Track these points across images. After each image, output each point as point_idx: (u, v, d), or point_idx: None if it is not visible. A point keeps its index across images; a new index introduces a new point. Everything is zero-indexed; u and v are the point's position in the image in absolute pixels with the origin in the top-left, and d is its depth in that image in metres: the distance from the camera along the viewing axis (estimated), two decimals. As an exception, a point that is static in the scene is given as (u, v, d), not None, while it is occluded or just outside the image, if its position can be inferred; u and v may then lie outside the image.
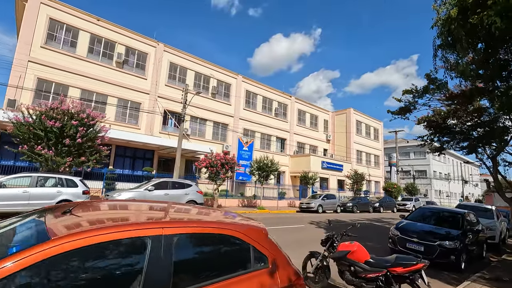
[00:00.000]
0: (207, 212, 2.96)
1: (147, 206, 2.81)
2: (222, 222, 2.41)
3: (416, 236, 6.91)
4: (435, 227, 7.32)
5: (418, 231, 7.14)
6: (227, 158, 16.35)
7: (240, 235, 2.22)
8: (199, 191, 13.01)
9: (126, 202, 3.41)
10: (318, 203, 19.44)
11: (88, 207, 2.53)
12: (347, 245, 4.42)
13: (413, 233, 7.06)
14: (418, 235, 6.95)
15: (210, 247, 2.14)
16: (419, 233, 7.02)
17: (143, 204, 2.96)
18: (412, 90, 9.91)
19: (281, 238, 8.98)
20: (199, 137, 24.19)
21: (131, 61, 21.07)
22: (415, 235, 6.96)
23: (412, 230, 7.23)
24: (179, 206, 3.19)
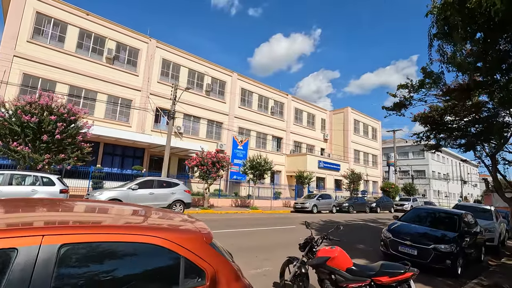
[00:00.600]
0: (140, 214, 2.44)
1: (50, 206, 2.25)
2: (141, 227, 1.89)
3: (409, 238, 6.43)
4: (430, 229, 6.84)
5: (411, 233, 6.66)
6: (219, 156, 15.86)
7: (166, 243, 1.72)
8: (187, 190, 12.52)
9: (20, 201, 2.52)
10: (312, 203, 18.95)
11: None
12: (328, 250, 3.93)
13: (406, 236, 6.57)
14: (411, 237, 6.46)
15: (119, 261, 1.63)
16: (412, 236, 6.54)
17: (46, 203, 2.42)
18: (408, 84, 9.43)
19: (267, 240, 8.52)
20: (192, 135, 23.69)
21: (122, 57, 20.56)
22: (408, 237, 6.48)
23: (405, 232, 6.74)
24: (102, 205, 2.62)
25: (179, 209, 12.02)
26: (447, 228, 6.87)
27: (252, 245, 7.43)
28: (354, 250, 7.73)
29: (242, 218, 13.82)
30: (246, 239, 8.12)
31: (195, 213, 14.32)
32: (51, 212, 2.06)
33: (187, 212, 14.06)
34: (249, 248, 7.10)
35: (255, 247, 7.28)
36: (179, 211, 12.06)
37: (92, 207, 2.35)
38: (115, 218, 2.14)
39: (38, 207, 2.19)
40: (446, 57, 7.17)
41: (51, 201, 2.53)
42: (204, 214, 14.50)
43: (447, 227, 6.97)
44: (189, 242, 1.84)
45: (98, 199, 10.02)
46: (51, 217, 1.98)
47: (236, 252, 6.90)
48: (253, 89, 28.90)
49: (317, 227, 11.61)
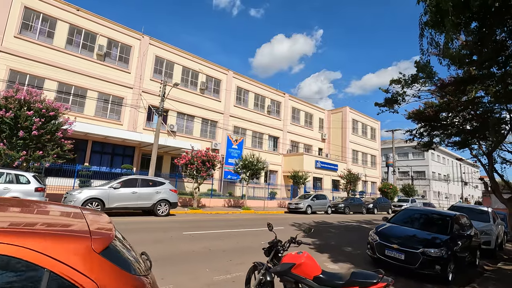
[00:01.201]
0: (7, 210, 1.94)
1: None
2: None
3: (396, 241, 5.97)
4: (419, 231, 6.38)
5: (399, 236, 6.21)
6: (209, 155, 15.42)
7: (24, 253, 1.29)
8: (173, 189, 12.08)
9: None
10: (306, 204, 18.49)
11: None
12: (294, 256, 3.49)
13: (393, 238, 6.12)
14: (399, 240, 6.01)
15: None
16: (400, 238, 6.08)
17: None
18: (400, 79, 8.98)
19: (248, 242, 8.04)
20: (186, 134, 23.27)
21: (113, 54, 20.17)
22: (396, 240, 6.02)
23: (393, 235, 6.29)
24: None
25: (164, 209, 11.59)
26: (438, 231, 6.42)
27: (230, 248, 7.00)
28: (340, 253, 7.29)
29: (231, 218, 13.38)
30: (226, 241, 7.68)
31: (183, 213, 13.91)
32: None
33: (176, 212, 13.63)
34: (226, 251, 6.67)
35: (232, 250, 6.85)
36: (164, 212, 11.64)
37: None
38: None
39: None
40: (439, 49, 6.73)
41: None
42: (193, 214, 14.07)
43: (438, 229, 6.51)
44: (62, 250, 1.40)
45: (77, 198, 9.62)
46: None
47: (210, 255, 6.49)
48: (249, 87, 28.47)
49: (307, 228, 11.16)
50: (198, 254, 6.20)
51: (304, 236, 4.63)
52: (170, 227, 9.35)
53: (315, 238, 8.85)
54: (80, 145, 17.09)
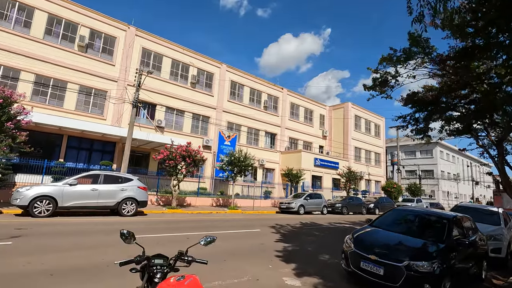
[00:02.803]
0: None
1: None
2: None
3: (375, 251, 4.64)
4: (407, 238, 5.02)
5: (380, 244, 4.87)
6: (190, 150, 14.24)
7: None
8: (142, 186, 10.93)
9: None
10: (299, 203, 17.12)
11: None
12: (174, 284, 2.21)
13: (372, 247, 4.78)
14: (379, 249, 4.67)
15: None
16: (381, 247, 4.74)
17: None
18: (392, 56, 7.59)
19: (208, 249, 6.70)
20: (175, 130, 22.17)
21: (96, 45, 19.20)
22: (375, 249, 4.69)
23: (372, 242, 4.95)
24: None
25: (131, 208, 10.45)
26: (432, 237, 5.06)
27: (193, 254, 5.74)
28: (312, 262, 5.97)
29: (211, 219, 12.18)
30: (170, 248, 6.43)
31: (159, 213, 12.77)
32: None
33: (151, 212, 12.50)
34: None
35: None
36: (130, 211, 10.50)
37: None
38: None
39: None
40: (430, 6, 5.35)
41: None
42: (170, 214, 12.91)
43: (432, 235, 5.15)
44: None
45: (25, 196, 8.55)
46: None
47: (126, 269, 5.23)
48: (244, 81, 27.21)
49: (288, 231, 9.84)
50: (114, 267, 4.93)
51: (205, 245, 3.17)
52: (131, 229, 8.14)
53: (289, 244, 7.54)
54: (54, 139, 16.17)
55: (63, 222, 8.58)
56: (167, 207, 14.15)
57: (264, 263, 5.58)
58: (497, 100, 5.18)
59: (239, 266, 5.28)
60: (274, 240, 7.88)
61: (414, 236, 5.10)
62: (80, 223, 8.69)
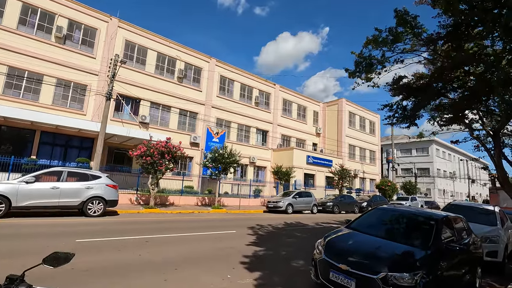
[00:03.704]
0: None
1: None
2: None
3: (347, 259, 3.85)
4: (387, 243, 4.24)
5: (354, 250, 4.09)
6: (170, 146, 13.41)
7: None
8: (112, 184, 10.09)
9: None
10: (287, 202, 16.33)
11: None
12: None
13: (345, 254, 4.00)
14: (352, 257, 3.89)
15: None
16: (355, 254, 3.96)
17: None
18: (377, 37, 6.79)
19: (175, 252, 5.90)
20: (161, 126, 21.31)
21: (75, 37, 18.28)
22: (348, 257, 3.90)
23: (345, 248, 4.17)
24: None
25: (97, 208, 9.61)
26: (416, 241, 4.29)
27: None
28: (281, 271, 5.18)
29: (189, 219, 11.38)
30: (131, 252, 5.64)
31: (134, 213, 11.94)
32: None
33: (125, 212, 11.68)
34: (88, 271, 4.56)
35: (137, 266, 4.79)
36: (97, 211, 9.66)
37: None
38: None
39: None
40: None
41: None
42: (146, 214, 12.09)
43: (416, 239, 4.38)
44: None
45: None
46: None
47: (96, 273, 4.46)
48: (234, 77, 26.36)
49: (267, 232, 9.04)
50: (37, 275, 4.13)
51: (52, 266, 1.95)
52: (84, 231, 7.34)
53: (262, 247, 6.75)
54: (26, 135, 15.28)
55: (16, 223, 7.74)
56: (145, 206, 13.32)
57: (223, 272, 4.79)
58: (493, 80, 4.44)
59: (190, 276, 4.48)
60: (247, 243, 7.09)
61: (397, 240, 4.32)
62: (35, 224, 7.85)
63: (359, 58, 6.91)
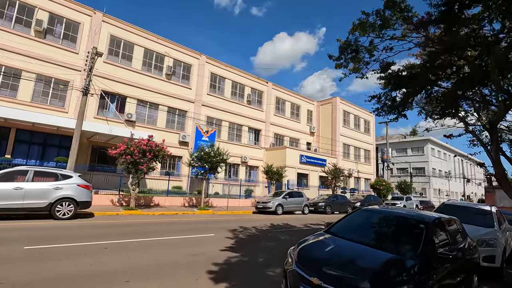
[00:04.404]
0: None
1: None
2: None
3: (321, 271, 3.24)
4: (370, 251, 3.62)
5: (330, 260, 3.47)
6: (152, 144, 12.74)
7: None
8: (84, 184, 9.40)
9: None
10: (276, 203, 15.71)
11: None
12: None
13: (318, 264, 3.39)
14: (327, 268, 3.27)
15: None
16: (330, 265, 3.35)
17: None
18: (364, 22, 6.21)
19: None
20: (148, 124, 20.60)
21: (57, 31, 17.52)
22: (322, 268, 3.29)
23: (320, 257, 3.55)
24: None
25: (67, 210, 8.92)
26: (403, 248, 3.69)
27: (86, 272, 4.28)
28: (255, 280, 4.57)
29: (169, 221, 10.73)
30: (98, 259, 4.99)
31: (112, 215, 11.25)
32: None
33: (103, 214, 11.00)
34: (29, 284, 3.93)
35: (82, 278, 4.15)
36: (67, 214, 8.97)
37: None
38: None
39: None
40: None
41: None
42: (125, 216, 11.40)
43: (403, 245, 3.78)
44: None
45: None
46: None
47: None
48: (225, 74, 25.72)
49: (248, 235, 8.41)
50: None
51: None
52: (41, 236, 6.66)
53: (238, 252, 6.13)
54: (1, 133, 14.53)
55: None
56: (125, 208, 12.63)
57: (183, 284, 4.16)
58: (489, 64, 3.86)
59: None
60: (222, 248, 6.46)
61: (381, 247, 3.70)
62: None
63: (344, 44, 6.31)
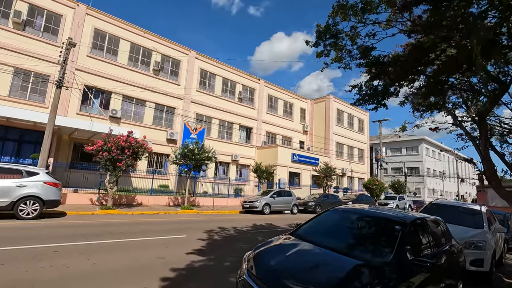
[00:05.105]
0: None
1: None
2: None
3: (274, 282, 2.72)
4: (334, 256, 3.11)
5: (285, 268, 2.95)
6: (132, 140, 12.15)
7: None
8: (52, 182, 8.80)
9: None
10: (263, 202, 15.19)
11: None
12: None
13: (271, 274, 2.87)
14: (281, 279, 2.76)
15: None
16: (284, 275, 2.84)
17: None
18: (344, 4, 5.70)
19: (69, 266, 4.63)
20: (134, 121, 19.98)
21: (37, 23, 16.85)
22: (274, 279, 2.77)
23: (273, 265, 3.02)
24: None
25: (32, 209, 8.32)
26: (373, 254, 3.18)
27: (22, 280, 3.72)
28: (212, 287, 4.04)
29: (145, 221, 10.17)
30: (39, 264, 4.43)
31: (87, 215, 10.65)
32: None
33: (77, 213, 10.41)
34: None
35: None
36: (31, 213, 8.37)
37: None
38: None
39: None
40: None
41: None
42: (100, 215, 10.81)
43: (374, 250, 3.28)
44: None
45: None
46: None
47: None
48: (216, 70, 25.14)
49: (224, 237, 7.87)
50: None
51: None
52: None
53: (205, 256, 5.60)
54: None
55: None
56: (101, 207, 12.02)
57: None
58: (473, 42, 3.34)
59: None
60: (190, 250, 5.92)
61: (349, 253, 3.18)
62: None
63: (322, 29, 5.78)
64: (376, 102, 5.64)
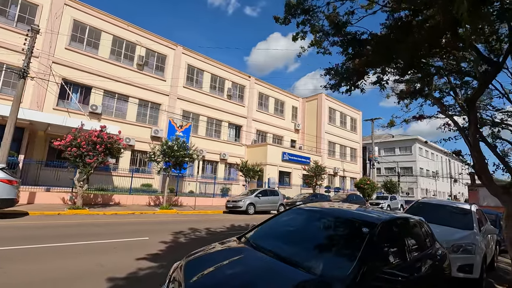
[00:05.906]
0: None
1: None
2: None
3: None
4: (282, 267, 2.43)
5: (215, 283, 2.25)
6: (104, 135, 11.38)
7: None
8: (6, 179, 8.02)
9: None
10: (247, 202, 14.51)
11: None
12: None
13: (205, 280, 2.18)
14: None
15: None
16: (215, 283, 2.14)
17: None
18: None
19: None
20: (117, 117, 19.18)
21: (11, 13, 16.00)
22: None
23: (199, 280, 2.32)
24: None
25: (-19, 208, 7.55)
26: (331, 262, 2.51)
27: None
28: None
29: (117, 222, 9.46)
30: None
31: (52, 215, 9.86)
32: None
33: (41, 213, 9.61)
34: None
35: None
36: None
37: None
38: None
39: None
40: None
41: None
42: (66, 216, 10.03)
43: (334, 259, 2.60)
44: None
45: None
46: None
47: None
48: (203, 66, 24.40)
49: (192, 239, 7.17)
50: None
51: None
52: None
53: (157, 262, 4.90)
54: None
55: None
56: (70, 207, 11.22)
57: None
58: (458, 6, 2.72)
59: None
60: (142, 256, 5.21)
61: (302, 263, 2.49)
62: None
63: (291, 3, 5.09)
64: (350, 84, 4.98)
